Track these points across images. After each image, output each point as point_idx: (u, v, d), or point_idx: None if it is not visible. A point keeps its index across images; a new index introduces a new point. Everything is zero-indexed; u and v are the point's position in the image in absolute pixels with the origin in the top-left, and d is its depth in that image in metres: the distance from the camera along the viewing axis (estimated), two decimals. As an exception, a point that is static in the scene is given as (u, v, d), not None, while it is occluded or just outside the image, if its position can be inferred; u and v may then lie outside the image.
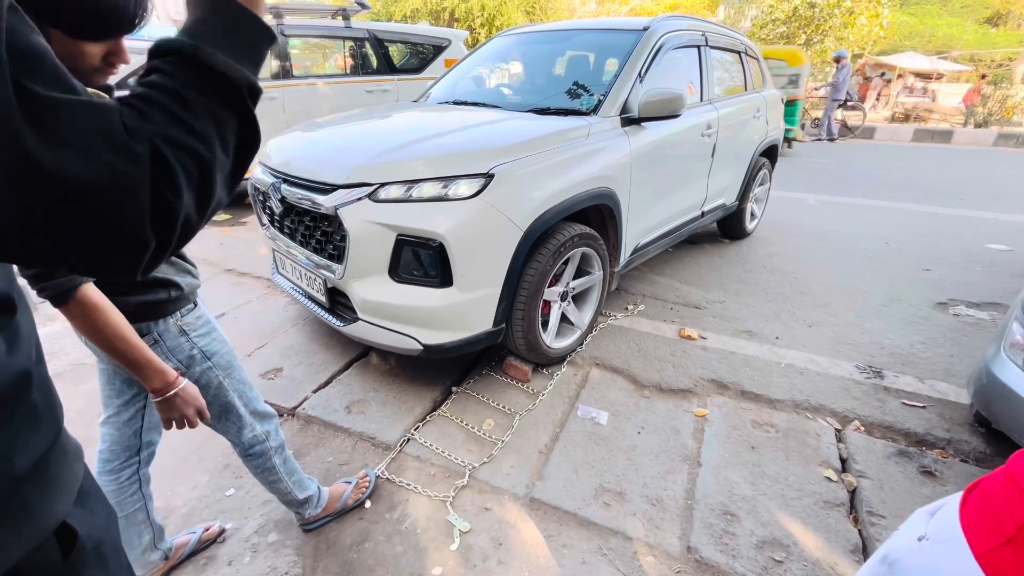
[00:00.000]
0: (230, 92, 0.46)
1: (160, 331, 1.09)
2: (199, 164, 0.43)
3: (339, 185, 1.87)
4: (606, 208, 2.35)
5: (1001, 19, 20.98)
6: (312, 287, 2.14)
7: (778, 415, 2.06)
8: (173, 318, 1.11)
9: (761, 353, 2.49)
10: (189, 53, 0.44)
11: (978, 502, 0.60)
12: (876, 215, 4.94)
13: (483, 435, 1.93)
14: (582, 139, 2.19)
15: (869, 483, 1.71)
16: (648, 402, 2.14)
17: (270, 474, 1.36)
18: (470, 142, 2.09)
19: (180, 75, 0.44)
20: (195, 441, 1.90)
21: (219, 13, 0.47)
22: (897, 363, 2.42)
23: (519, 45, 3.24)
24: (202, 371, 1.16)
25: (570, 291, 2.36)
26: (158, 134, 0.41)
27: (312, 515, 1.51)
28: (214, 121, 0.45)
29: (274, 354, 2.43)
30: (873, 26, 12.27)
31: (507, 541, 1.52)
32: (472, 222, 1.81)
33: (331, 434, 1.95)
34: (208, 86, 0.45)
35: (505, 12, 14.32)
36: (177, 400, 1.01)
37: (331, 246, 1.96)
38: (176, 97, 0.43)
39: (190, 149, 0.43)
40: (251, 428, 1.29)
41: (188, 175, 0.42)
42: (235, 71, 0.46)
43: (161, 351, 1.09)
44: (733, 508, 1.62)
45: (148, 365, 0.97)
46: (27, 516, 0.49)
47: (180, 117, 0.42)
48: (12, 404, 0.48)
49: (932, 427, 1.98)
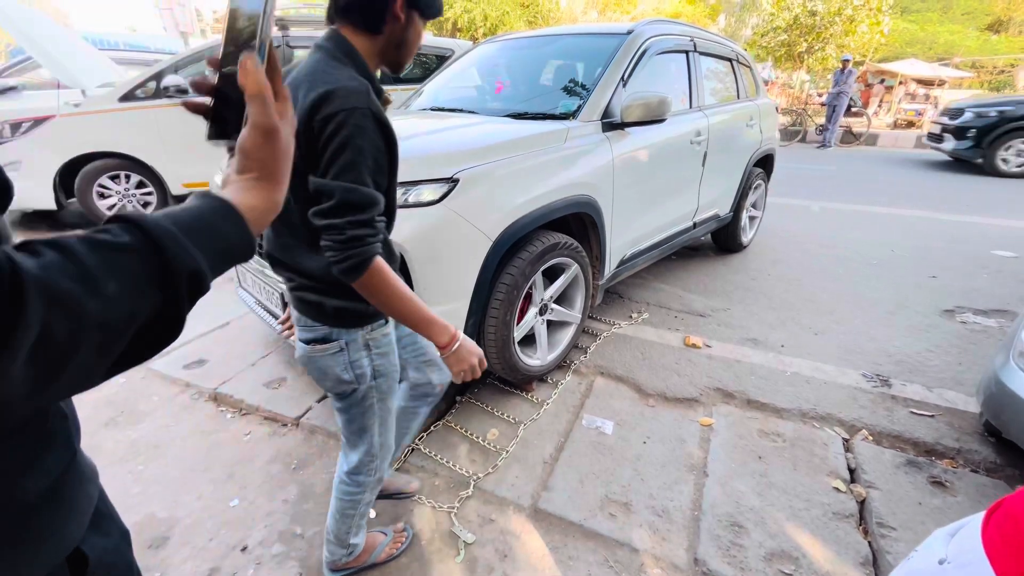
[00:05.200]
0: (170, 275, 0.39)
1: (347, 340, 1.06)
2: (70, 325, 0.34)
3: None
4: (587, 217, 2.24)
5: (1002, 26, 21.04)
6: (271, 301, 2.06)
7: (785, 424, 2.05)
8: (364, 330, 1.07)
9: (767, 361, 2.47)
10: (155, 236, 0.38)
11: (1002, 524, 0.58)
12: (880, 222, 4.93)
13: (487, 445, 1.92)
14: (559, 143, 2.10)
15: (879, 494, 1.69)
16: (653, 411, 2.12)
17: (351, 505, 1.29)
18: (435, 145, 1.98)
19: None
20: (200, 450, 1.90)
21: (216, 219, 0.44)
22: (905, 371, 2.40)
23: (503, 52, 3.17)
24: (366, 388, 1.12)
25: (549, 306, 2.25)
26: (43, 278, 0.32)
27: (344, 562, 1.40)
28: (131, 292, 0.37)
29: (278, 363, 2.43)
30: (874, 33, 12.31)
31: (512, 553, 1.51)
32: (435, 230, 1.70)
33: (335, 444, 1.94)
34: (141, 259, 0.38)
35: (508, 22, 14.45)
36: (463, 352, 1.04)
37: None
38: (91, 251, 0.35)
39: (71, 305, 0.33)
40: (370, 457, 1.23)
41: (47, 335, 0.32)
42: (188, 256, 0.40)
43: (343, 360, 1.07)
44: (740, 519, 1.61)
45: (435, 322, 1.00)
46: (40, 542, 0.47)
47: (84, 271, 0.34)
48: (28, 428, 0.46)
49: (941, 436, 1.96)
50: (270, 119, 0.48)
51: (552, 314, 2.28)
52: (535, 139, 2.06)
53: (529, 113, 2.41)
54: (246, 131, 0.48)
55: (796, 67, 13.84)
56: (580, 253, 2.22)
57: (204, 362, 2.44)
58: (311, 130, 0.85)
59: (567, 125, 2.22)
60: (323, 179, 0.86)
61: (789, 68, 14.15)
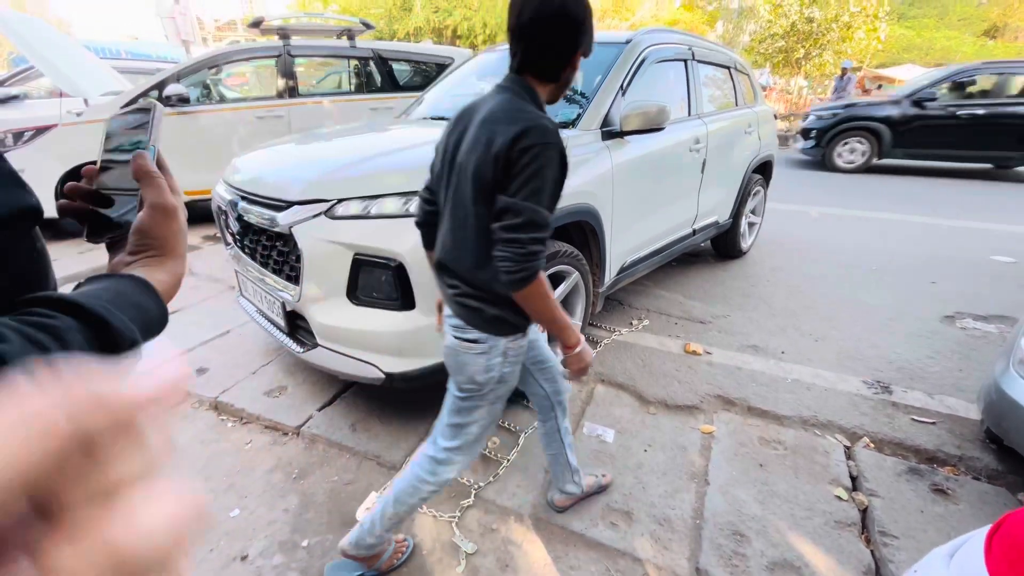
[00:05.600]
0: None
1: (491, 345, 1.17)
2: None
3: (294, 202, 1.80)
4: (587, 225, 2.25)
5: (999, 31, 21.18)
6: (272, 310, 2.06)
7: (786, 432, 2.04)
8: (507, 339, 1.18)
9: (767, 368, 2.47)
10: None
11: (1005, 545, 0.58)
12: (879, 227, 4.94)
13: (488, 453, 1.92)
14: None
15: (880, 502, 1.69)
16: (654, 419, 2.12)
17: (414, 493, 1.34)
18: None
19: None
20: (200, 459, 1.89)
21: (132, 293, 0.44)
22: (905, 378, 2.40)
23: (502, 61, 3.18)
24: (489, 390, 1.23)
25: None
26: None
27: (367, 553, 1.42)
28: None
29: (279, 372, 2.43)
30: (871, 40, 12.39)
31: (513, 563, 1.50)
32: None
33: (336, 453, 1.94)
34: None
35: (507, 29, 14.53)
36: (584, 352, 1.16)
37: (288, 266, 1.89)
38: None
39: None
40: (459, 452, 1.31)
41: None
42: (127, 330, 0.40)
43: (483, 362, 1.18)
44: (742, 528, 1.60)
45: (571, 326, 1.13)
46: None
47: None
48: None
49: (943, 443, 1.96)
50: (168, 199, 0.51)
51: None
52: None
53: None
54: (144, 214, 0.50)
55: (794, 73, 13.90)
56: (580, 261, 2.23)
57: (204, 371, 2.44)
58: (509, 157, 1.00)
59: (567, 134, 2.22)
60: (514, 199, 1.00)
61: (787, 74, 14.22)
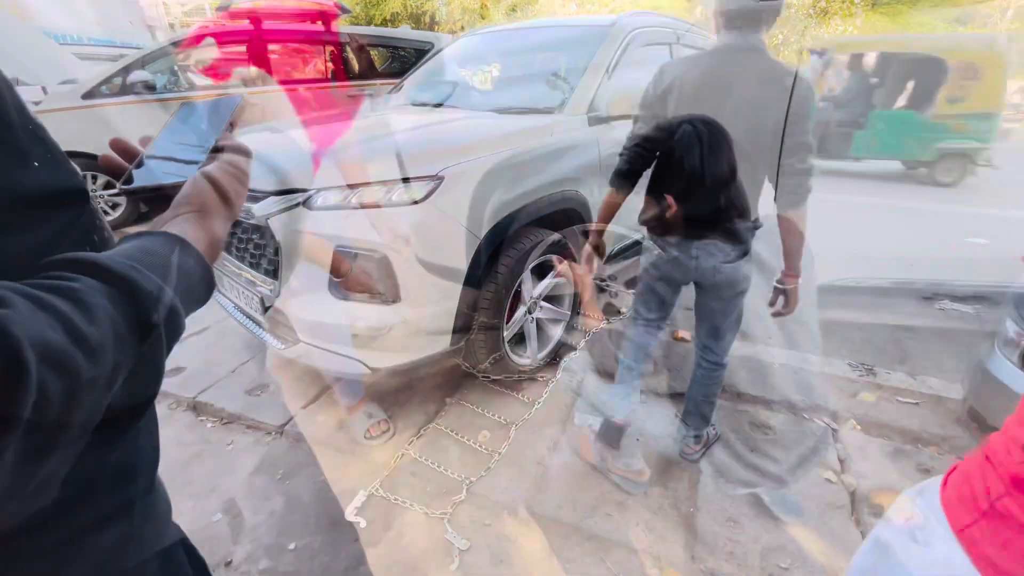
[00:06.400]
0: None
1: (746, 261, 1.63)
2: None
3: (269, 192, 1.71)
4: (575, 213, 2.21)
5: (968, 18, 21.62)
6: (250, 306, 1.96)
7: (775, 416, 2.06)
8: (747, 257, 1.60)
9: (755, 353, 2.48)
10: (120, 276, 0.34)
11: (956, 482, 0.63)
12: (855, 212, 5.01)
13: (479, 447, 1.88)
14: (545, 138, 2.06)
15: (868, 483, 1.71)
16: (645, 407, 2.11)
17: (717, 386, 1.77)
18: (419, 142, 1.93)
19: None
20: (179, 463, 1.82)
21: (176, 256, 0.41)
22: (888, 360, 2.43)
23: (484, 44, 3.11)
24: (745, 290, 1.67)
25: (538, 304, 2.21)
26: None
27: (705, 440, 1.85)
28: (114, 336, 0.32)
29: (260, 369, 2.36)
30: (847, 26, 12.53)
31: (508, 558, 1.48)
32: (420, 230, 1.66)
33: (322, 452, 1.88)
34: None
35: (486, 15, 14.30)
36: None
37: (265, 260, 1.79)
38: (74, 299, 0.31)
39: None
40: (730, 344, 1.75)
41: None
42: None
43: (747, 269, 1.63)
44: (736, 514, 1.60)
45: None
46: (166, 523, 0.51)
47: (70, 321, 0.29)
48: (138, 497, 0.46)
49: (927, 424, 1.99)
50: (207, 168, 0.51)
51: (542, 312, 2.25)
52: (520, 134, 2.02)
53: (514, 108, 2.36)
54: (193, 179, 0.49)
55: (773, 59, 14.01)
56: (568, 250, 2.19)
57: (181, 370, 2.35)
58: (791, 100, 1.27)
59: (553, 119, 2.18)
60: (806, 138, 1.35)
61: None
